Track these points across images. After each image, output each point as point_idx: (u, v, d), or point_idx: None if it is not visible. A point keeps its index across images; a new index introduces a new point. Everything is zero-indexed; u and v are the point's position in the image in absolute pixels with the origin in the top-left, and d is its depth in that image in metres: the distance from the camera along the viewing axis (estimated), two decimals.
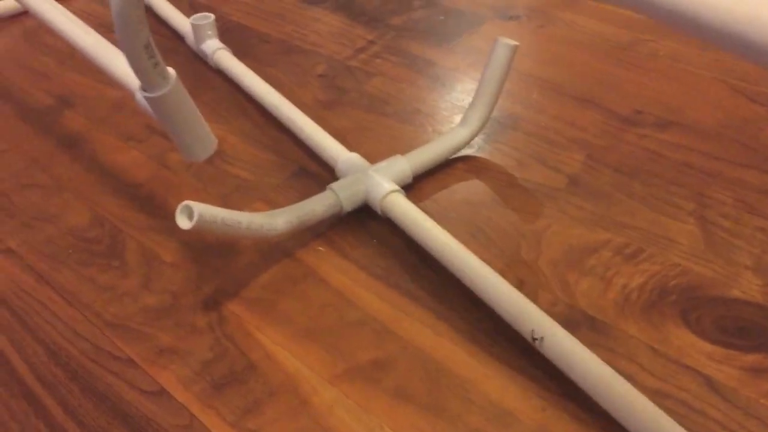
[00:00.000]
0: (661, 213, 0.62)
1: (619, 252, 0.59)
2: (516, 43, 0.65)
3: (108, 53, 0.58)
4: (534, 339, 0.48)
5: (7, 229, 0.65)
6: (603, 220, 0.62)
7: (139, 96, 0.49)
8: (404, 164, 0.64)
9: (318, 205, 0.60)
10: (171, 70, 0.47)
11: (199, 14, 0.84)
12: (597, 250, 0.59)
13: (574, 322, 0.53)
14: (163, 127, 0.52)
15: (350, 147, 0.69)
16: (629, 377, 0.49)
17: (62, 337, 0.55)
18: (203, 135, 0.53)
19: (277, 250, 0.61)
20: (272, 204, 0.66)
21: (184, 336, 0.54)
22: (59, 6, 0.64)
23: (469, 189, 0.66)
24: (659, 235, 0.60)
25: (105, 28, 0.97)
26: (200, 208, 0.48)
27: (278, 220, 0.57)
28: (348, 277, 0.59)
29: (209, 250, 0.62)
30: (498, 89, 0.67)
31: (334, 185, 0.62)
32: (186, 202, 0.48)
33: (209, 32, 0.84)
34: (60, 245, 0.63)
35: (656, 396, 0.48)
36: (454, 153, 0.69)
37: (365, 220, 0.64)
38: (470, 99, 0.78)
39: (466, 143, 0.69)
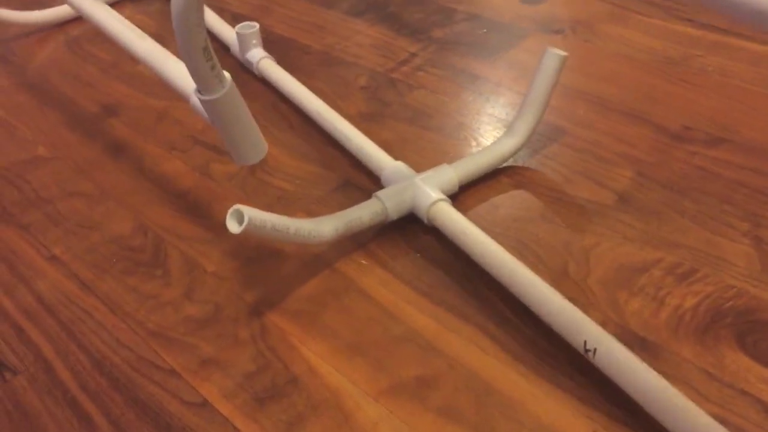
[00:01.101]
0: (714, 232, 0.60)
1: (671, 272, 0.57)
2: (565, 53, 0.64)
3: (162, 58, 0.58)
4: (587, 350, 0.47)
5: (52, 236, 0.66)
6: (654, 238, 0.60)
7: (195, 99, 0.49)
8: (451, 173, 0.63)
9: (364, 213, 0.59)
10: (227, 74, 0.47)
11: (244, 23, 0.84)
12: (648, 269, 0.57)
13: (624, 342, 0.51)
14: (216, 130, 0.52)
15: (394, 159, 0.68)
16: None
17: (106, 346, 0.55)
18: (255, 139, 0.53)
19: (320, 262, 0.61)
20: (314, 216, 0.65)
21: (226, 347, 0.54)
22: (114, 12, 0.65)
23: (513, 203, 0.65)
24: (713, 255, 0.58)
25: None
26: (251, 213, 0.48)
27: (325, 227, 0.56)
28: (391, 290, 0.58)
29: (252, 260, 0.61)
30: (546, 99, 0.66)
31: (380, 193, 0.61)
32: (237, 206, 0.48)
33: (254, 41, 0.85)
34: (104, 253, 0.63)
35: None
36: (501, 163, 0.68)
37: (407, 233, 0.63)
38: (514, 113, 0.77)
39: (513, 153, 0.68)
